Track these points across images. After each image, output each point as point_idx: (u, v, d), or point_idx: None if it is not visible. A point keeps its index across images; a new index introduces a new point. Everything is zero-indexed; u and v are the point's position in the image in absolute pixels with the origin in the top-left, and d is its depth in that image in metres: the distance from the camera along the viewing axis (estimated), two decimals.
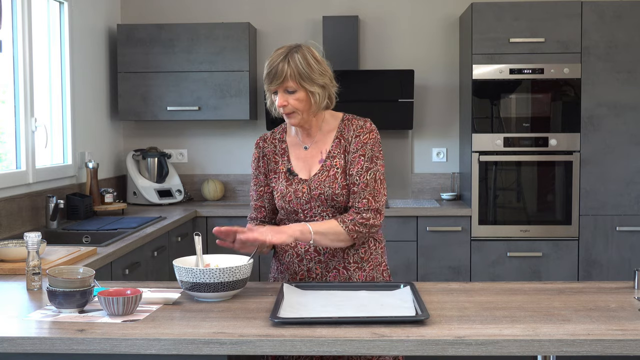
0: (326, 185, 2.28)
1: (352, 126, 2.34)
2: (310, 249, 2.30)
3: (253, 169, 2.42)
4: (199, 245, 2.11)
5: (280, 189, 2.33)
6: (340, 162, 2.31)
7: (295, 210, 2.31)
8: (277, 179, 2.35)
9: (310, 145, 2.35)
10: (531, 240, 4.33)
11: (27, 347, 1.68)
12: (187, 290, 1.98)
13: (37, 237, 2.14)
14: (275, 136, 2.42)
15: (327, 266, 2.30)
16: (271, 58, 2.24)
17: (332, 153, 2.32)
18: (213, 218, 4.36)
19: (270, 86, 2.23)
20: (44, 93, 3.88)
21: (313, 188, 2.28)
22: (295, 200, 2.30)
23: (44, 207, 3.61)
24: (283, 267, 2.37)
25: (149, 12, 4.91)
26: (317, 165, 2.33)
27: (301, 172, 2.33)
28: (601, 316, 1.83)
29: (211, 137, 4.95)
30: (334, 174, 2.29)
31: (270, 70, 2.21)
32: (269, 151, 2.39)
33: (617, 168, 4.31)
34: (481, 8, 4.30)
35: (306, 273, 2.31)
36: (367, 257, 2.33)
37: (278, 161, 2.37)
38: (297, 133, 2.37)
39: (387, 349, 1.65)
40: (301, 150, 2.36)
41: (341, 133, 2.34)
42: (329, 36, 4.67)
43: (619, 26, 4.26)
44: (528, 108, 4.35)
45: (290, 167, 2.34)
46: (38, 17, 3.78)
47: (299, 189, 2.30)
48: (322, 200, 2.28)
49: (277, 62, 2.21)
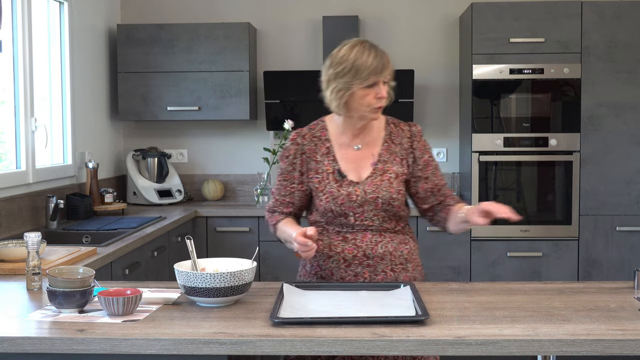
0: (383, 189, 2.25)
1: (403, 132, 2.34)
2: (358, 254, 2.26)
3: (285, 164, 2.35)
4: (191, 249, 2.07)
5: (330, 190, 2.26)
6: (393, 167, 2.29)
7: (346, 213, 2.26)
8: (321, 180, 2.29)
9: (361, 146, 2.31)
10: (531, 240, 4.33)
11: (27, 347, 1.68)
12: (189, 295, 1.94)
13: (37, 237, 2.14)
14: (315, 133, 2.36)
15: (375, 269, 2.27)
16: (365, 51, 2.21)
17: (384, 157, 2.30)
18: (213, 218, 4.36)
19: (378, 77, 2.19)
20: (44, 93, 3.88)
21: (369, 192, 2.25)
22: (348, 203, 2.25)
23: (44, 207, 3.61)
24: (325, 272, 2.30)
25: (149, 12, 4.91)
26: (368, 167, 2.29)
27: (350, 174, 2.28)
28: (601, 316, 1.83)
29: (211, 137, 4.95)
30: (388, 178, 2.27)
31: (379, 61, 2.20)
32: (308, 149, 2.33)
33: (617, 168, 4.31)
34: (481, 8, 4.30)
35: (353, 278, 2.27)
36: (410, 258, 2.33)
37: (321, 161, 2.31)
38: (345, 132, 2.32)
39: (387, 349, 1.65)
40: (350, 150, 2.32)
41: (390, 137, 2.33)
42: (329, 36, 4.67)
43: (619, 26, 4.26)
44: (528, 108, 4.35)
45: (339, 168, 2.29)
46: (38, 17, 3.78)
47: (351, 191, 2.25)
48: (377, 204, 2.25)
49: (377, 52, 2.22)
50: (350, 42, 2.27)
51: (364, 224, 2.26)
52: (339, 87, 2.23)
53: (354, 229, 2.28)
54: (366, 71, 2.18)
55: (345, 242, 2.28)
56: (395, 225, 2.31)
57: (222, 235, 4.36)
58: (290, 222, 2.32)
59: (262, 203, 4.49)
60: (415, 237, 2.43)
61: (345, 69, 2.20)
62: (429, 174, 2.33)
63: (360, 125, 2.30)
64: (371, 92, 2.21)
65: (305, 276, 2.38)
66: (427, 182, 2.33)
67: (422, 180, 2.33)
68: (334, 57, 2.27)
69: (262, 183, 4.53)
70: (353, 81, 2.20)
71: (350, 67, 2.20)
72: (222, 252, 4.20)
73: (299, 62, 4.87)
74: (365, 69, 2.19)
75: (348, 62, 2.20)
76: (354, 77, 2.20)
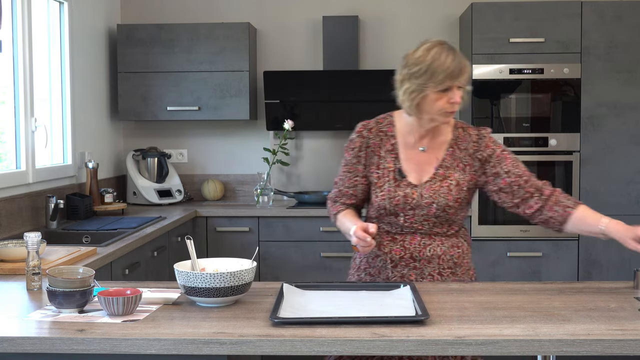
0: (441, 196, 2.22)
1: (470, 136, 2.30)
2: (405, 256, 2.26)
3: (350, 156, 2.32)
4: (191, 249, 2.07)
5: (387, 189, 2.25)
6: (455, 174, 2.25)
7: (397, 213, 2.25)
8: (380, 176, 2.27)
9: (427, 148, 2.28)
10: (531, 240, 4.33)
11: (27, 347, 1.68)
12: (189, 295, 1.94)
13: (37, 237, 2.14)
14: (382, 128, 2.33)
15: (422, 272, 2.26)
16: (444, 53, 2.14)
17: (446, 163, 2.27)
18: (213, 218, 4.36)
19: (453, 81, 2.14)
20: (44, 93, 3.88)
21: (425, 196, 2.22)
22: (403, 204, 2.23)
23: (44, 207, 3.61)
24: (373, 270, 2.31)
25: (149, 12, 4.91)
26: (430, 171, 2.26)
27: (410, 175, 2.26)
28: (601, 316, 1.83)
29: (211, 137, 4.95)
30: (448, 185, 2.24)
31: (457, 65, 2.13)
32: (374, 143, 2.31)
33: (617, 168, 4.31)
34: (481, 8, 4.30)
35: (399, 279, 2.27)
36: (460, 262, 2.31)
37: (384, 157, 2.28)
38: (412, 132, 2.29)
39: (387, 349, 1.65)
40: (415, 151, 2.28)
41: (456, 142, 2.29)
42: (329, 36, 4.67)
43: (619, 26, 4.26)
44: (528, 108, 4.35)
45: (400, 168, 2.26)
46: (38, 17, 3.78)
47: (408, 193, 2.23)
48: (430, 209, 2.23)
49: (457, 56, 2.15)
50: (429, 42, 2.20)
51: (413, 227, 2.25)
52: (412, 88, 2.18)
53: (403, 230, 2.27)
54: (442, 75, 2.13)
55: (393, 243, 2.27)
56: (448, 230, 2.29)
57: (222, 235, 4.36)
58: (351, 214, 2.30)
59: (262, 203, 4.50)
60: (469, 241, 2.39)
61: (421, 70, 2.15)
62: (510, 167, 2.26)
63: (429, 127, 2.26)
64: (444, 97, 2.17)
65: (355, 269, 2.39)
66: (509, 175, 2.26)
67: (503, 175, 2.26)
68: (409, 57, 2.21)
69: (262, 183, 4.53)
70: (427, 84, 2.15)
71: (426, 69, 2.14)
72: (222, 252, 4.20)
73: (299, 62, 4.87)
74: (441, 72, 2.13)
75: (424, 63, 2.15)
76: (428, 79, 2.15)
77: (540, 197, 2.25)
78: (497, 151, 2.28)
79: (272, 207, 4.45)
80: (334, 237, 4.27)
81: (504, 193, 2.29)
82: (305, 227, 4.29)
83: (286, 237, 4.31)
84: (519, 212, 2.30)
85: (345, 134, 4.81)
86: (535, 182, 2.27)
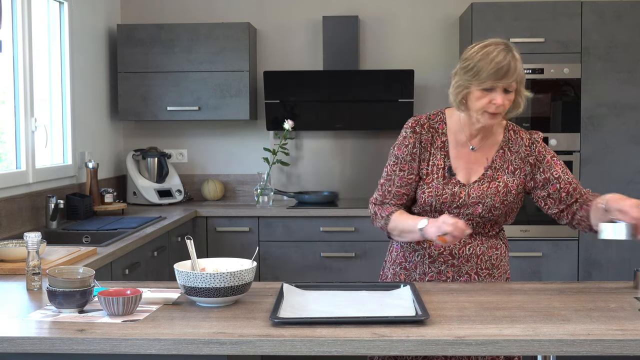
0: (488, 197, 2.22)
1: (522, 140, 2.28)
2: (445, 252, 2.25)
3: (404, 153, 2.27)
4: (191, 249, 2.06)
5: (436, 186, 2.23)
6: (504, 177, 2.24)
7: (441, 210, 2.23)
8: (429, 173, 2.25)
9: (477, 147, 2.27)
10: (531, 240, 4.33)
11: (27, 347, 1.68)
12: (189, 295, 1.94)
13: (37, 237, 2.14)
14: (433, 124, 2.30)
15: (459, 270, 2.25)
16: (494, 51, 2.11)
17: (496, 164, 2.26)
18: (213, 218, 4.36)
19: (497, 82, 2.11)
20: (44, 93, 3.88)
21: (473, 196, 2.21)
22: (450, 203, 2.22)
23: (44, 207, 3.61)
24: (409, 264, 2.31)
25: (149, 12, 4.91)
26: (479, 171, 2.25)
27: (460, 174, 2.25)
28: (601, 316, 1.83)
29: (211, 137, 4.95)
30: (496, 186, 2.23)
31: (504, 66, 2.10)
32: (425, 139, 2.27)
33: (617, 168, 4.31)
34: (481, 8, 4.30)
35: (436, 275, 2.27)
36: (498, 264, 2.30)
37: (434, 154, 2.26)
38: (463, 130, 2.27)
39: (387, 349, 1.65)
40: (465, 150, 2.27)
41: (507, 143, 2.28)
42: (329, 36, 4.67)
43: (619, 26, 4.26)
44: (528, 108, 4.34)
45: (450, 165, 2.25)
46: (38, 17, 3.78)
47: (456, 192, 2.22)
48: (476, 209, 2.22)
49: (507, 57, 2.11)
50: (489, 40, 2.18)
51: None
52: (459, 82, 2.18)
53: None
54: (485, 73, 2.11)
55: None
56: (489, 230, 2.29)
57: (222, 235, 4.36)
58: (405, 214, 2.23)
59: (262, 203, 4.50)
60: (507, 243, 2.39)
61: (469, 66, 2.14)
62: (560, 173, 2.26)
63: (478, 127, 2.24)
64: (487, 96, 2.14)
65: (390, 263, 2.37)
66: (559, 181, 2.25)
67: (553, 181, 2.26)
68: (466, 52, 2.20)
69: (262, 183, 4.53)
70: (472, 80, 2.14)
71: (474, 65, 2.13)
72: (222, 252, 4.20)
73: (299, 62, 4.87)
74: (484, 71, 2.11)
75: (473, 60, 2.14)
76: (473, 76, 2.13)
77: (577, 201, 2.27)
78: (547, 157, 2.28)
79: (272, 207, 4.45)
80: (334, 237, 4.27)
81: (551, 199, 2.29)
82: (305, 227, 4.29)
83: (286, 237, 4.31)
84: (562, 217, 2.30)
85: (346, 134, 4.86)
86: (581, 189, 2.28)
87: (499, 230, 2.35)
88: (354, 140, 4.85)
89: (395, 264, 2.35)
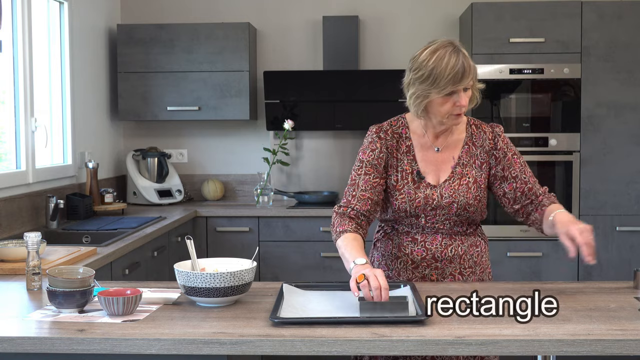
0: (460, 195, 2.21)
1: (485, 134, 2.27)
2: (427, 257, 2.25)
3: (370, 157, 2.24)
4: (191, 249, 2.06)
5: (407, 191, 2.22)
6: (472, 172, 2.25)
7: (418, 215, 2.23)
8: (399, 179, 2.24)
9: (442, 148, 2.27)
10: (531, 240, 4.33)
11: (27, 347, 1.68)
12: (189, 295, 1.94)
13: (37, 237, 2.14)
14: (396, 130, 2.29)
15: (443, 272, 2.25)
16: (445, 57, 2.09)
17: (463, 160, 2.26)
18: (213, 218, 4.36)
19: (457, 86, 2.10)
20: (44, 93, 3.88)
21: (445, 196, 2.21)
22: (424, 206, 2.21)
23: (44, 207, 3.61)
24: (392, 272, 2.29)
25: (149, 12, 4.91)
26: (447, 170, 2.25)
27: (429, 176, 2.25)
28: (601, 316, 1.83)
29: (211, 137, 4.95)
30: (467, 183, 2.23)
31: (459, 69, 2.08)
32: (390, 145, 2.27)
33: (617, 168, 4.31)
34: (481, 8, 4.30)
35: (420, 279, 2.26)
36: (479, 261, 2.31)
37: (401, 159, 2.26)
38: (426, 132, 2.27)
39: (387, 349, 1.65)
40: (431, 152, 2.27)
41: (470, 139, 2.28)
42: (329, 36, 4.67)
43: (619, 26, 4.26)
44: (528, 108, 4.35)
45: (418, 169, 2.24)
46: (38, 17, 3.78)
47: (429, 194, 2.21)
48: (451, 209, 2.22)
49: (459, 59, 2.09)
50: (435, 44, 2.16)
51: (435, 227, 2.24)
52: (417, 93, 2.16)
53: (424, 230, 2.25)
54: (443, 81, 2.09)
55: (414, 244, 2.26)
56: (467, 228, 2.29)
57: (222, 235, 4.36)
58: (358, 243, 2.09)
59: (262, 203, 4.50)
60: (486, 239, 2.40)
61: (424, 75, 2.12)
62: (517, 172, 2.26)
63: (441, 129, 2.25)
64: (449, 101, 2.13)
65: None
66: (515, 181, 2.26)
67: (510, 180, 2.26)
68: (415, 60, 2.17)
69: (262, 183, 4.53)
70: (431, 89, 2.12)
71: (429, 74, 2.11)
72: (222, 252, 4.20)
73: (299, 62, 4.87)
74: (442, 78, 2.09)
75: (427, 68, 2.11)
76: (431, 85, 2.11)
77: (532, 203, 2.28)
78: (508, 154, 2.28)
79: (272, 207, 4.45)
80: None
81: (506, 198, 2.30)
82: (305, 227, 4.29)
83: (286, 237, 4.31)
84: (517, 215, 2.32)
85: (346, 134, 4.86)
86: (537, 190, 2.28)
87: (477, 227, 2.35)
88: (354, 140, 4.85)
89: None
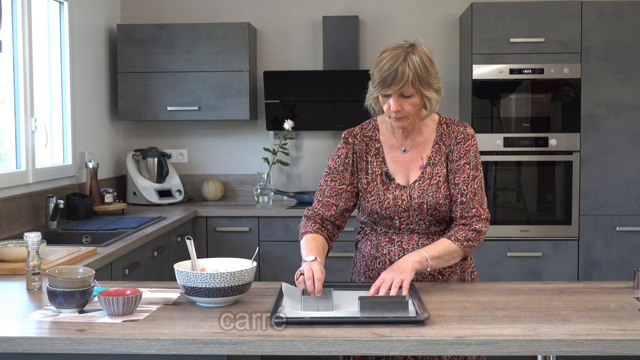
0: (429, 195, 2.19)
1: (453, 132, 2.24)
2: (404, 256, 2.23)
3: (336, 164, 2.27)
4: (191, 249, 2.06)
5: (377, 193, 2.22)
6: (442, 170, 2.22)
7: (391, 217, 2.22)
8: (369, 181, 2.24)
9: (409, 148, 2.25)
10: (531, 240, 4.33)
11: (27, 347, 1.68)
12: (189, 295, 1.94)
13: (37, 237, 2.14)
14: (366, 133, 2.30)
15: (422, 273, 2.22)
16: (385, 59, 2.10)
17: (433, 160, 2.23)
18: (213, 218, 4.36)
19: (386, 90, 2.09)
20: (44, 93, 3.88)
21: (414, 197, 2.20)
22: (394, 207, 2.20)
23: (44, 207, 3.61)
24: (372, 272, 2.28)
25: (149, 12, 4.91)
26: (416, 171, 2.24)
27: (398, 177, 2.24)
28: (601, 316, 1.83)
29: (211, 137, 4.95)
30: (437, 182, 2.21)
31: (389, 74, 2.07)
32: (359, 149, 2.27)
33: (617, 168, 4.31)
34: (481, 8, 4.30)
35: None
36: (460, 261, 2.28)
37: (371, 161, 2.26)
38: (394, 133, 2.26)
39: (387, 349, 1.65)
40: (398, 152, 2.26)
41: (440, 138, 2.25)
42: (329, 36, 4.67)
43: (619, 26, 4.26)
44: (528, 108, 4.35)
45: (387, 171, 2.24)
46: (38, 17, 3.78)
47: (397, 195, 2.20)
48: (422, 209, 2.20)
49: (395, 64, 2.07)
50: (393, 44, 2.16)
51: (410, 228, 2.23)
52: (369, 89, 2.21)
53: (400, 231, 2.25)
54: (376, 82, 2.12)
55: (391, 244, 2.25)
56: (445, 228, 2.27)
57: (222, 235, 4.36)
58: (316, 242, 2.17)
59: (262, 203, 4.50)
60: None
61: (371, 73, 2.16)
62: (461, 181, 2.20)
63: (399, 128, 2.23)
64: (387, 102, 2.14)
65: (356, 274, 2.36)
66: (455, 188, 2.21)
67: (451, 185, 2.22)
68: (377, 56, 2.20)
69: (262, 183, 4.53)
70: (372, 88, 2.17)
71: (371, 73, 2.15)
72: (222, 252, 4.20)
73: (299, 62, 4.87)
74: (375, 79, 2.12)
75: (373, 66, 2.14)
76: (372, 84, 2.16)
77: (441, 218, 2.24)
78: (461, 161, 2.22)
79: (272, 207, 4.45)
80: None
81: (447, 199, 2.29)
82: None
83: (286, 237, 4.31)
84: None
85: None
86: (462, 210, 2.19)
87: None
88: None
89: (360, 274, 2.35)
